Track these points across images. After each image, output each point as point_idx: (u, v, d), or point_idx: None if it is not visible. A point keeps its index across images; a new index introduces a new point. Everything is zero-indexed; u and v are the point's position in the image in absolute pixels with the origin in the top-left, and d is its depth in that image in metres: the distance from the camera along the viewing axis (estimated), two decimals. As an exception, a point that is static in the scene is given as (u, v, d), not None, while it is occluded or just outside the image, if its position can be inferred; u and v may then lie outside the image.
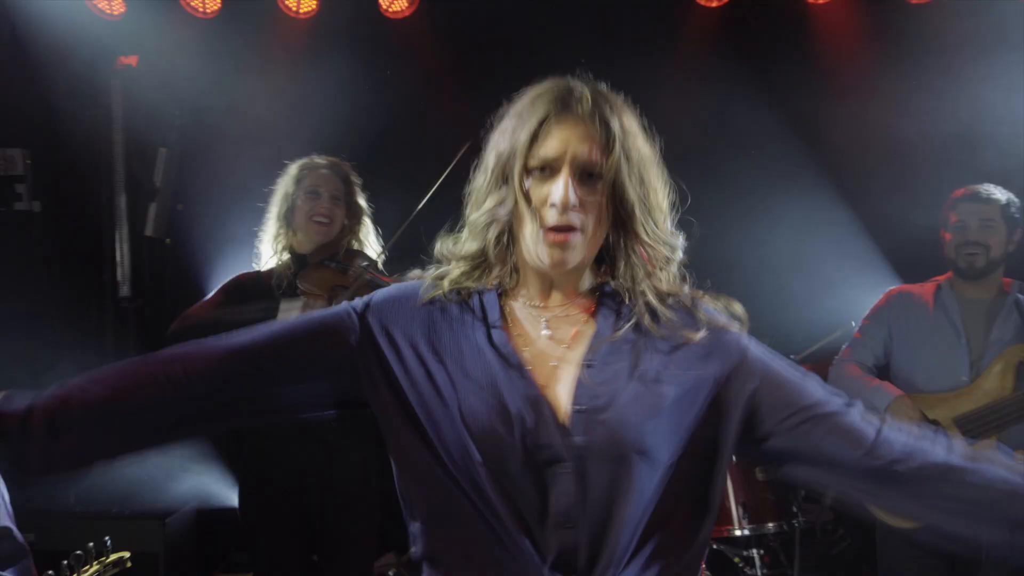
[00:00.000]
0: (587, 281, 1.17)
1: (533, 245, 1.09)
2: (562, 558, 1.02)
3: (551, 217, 1.07)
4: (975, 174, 2.78)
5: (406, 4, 3.82)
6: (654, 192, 1.14)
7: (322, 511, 2.37)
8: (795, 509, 2.87)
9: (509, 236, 1.13)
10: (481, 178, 1.17)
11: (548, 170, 1.10)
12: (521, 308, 1.15)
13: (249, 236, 2.59)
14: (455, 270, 1.17)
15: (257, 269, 2.50)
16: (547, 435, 1.02)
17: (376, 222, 2.62)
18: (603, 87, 1.16)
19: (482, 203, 1.14)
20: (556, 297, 1.15)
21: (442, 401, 1.06)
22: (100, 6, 3.64)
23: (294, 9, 3.84)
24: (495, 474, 1.02)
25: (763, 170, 3.73)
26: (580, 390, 1.06)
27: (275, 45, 3.90)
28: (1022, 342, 2.34)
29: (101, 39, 3.65)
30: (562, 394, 1.07)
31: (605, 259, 1.16)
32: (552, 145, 1.09)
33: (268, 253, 2.48)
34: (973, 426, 2.31)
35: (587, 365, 1.08)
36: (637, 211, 1.11)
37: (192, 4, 3.76)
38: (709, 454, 1.10)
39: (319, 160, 2.52)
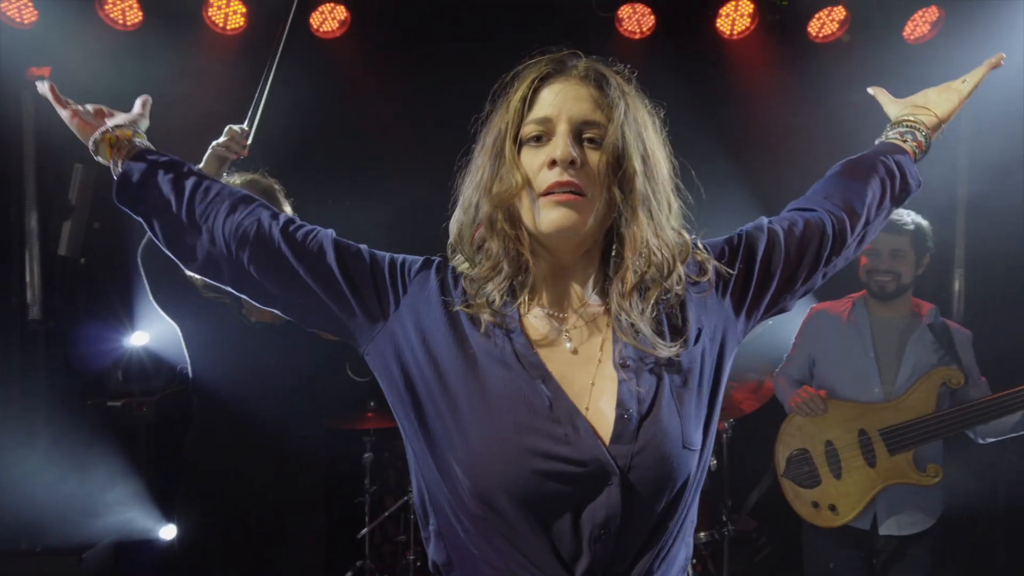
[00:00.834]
0: (598, 277, 1.08)
1: (535, 217, 1.01)
2: (594, 569, 0.98)
3: (551, 177, 0.99)
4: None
5: (337, 25, 3.81)
6: (658, 164, 1.06)
7: (268, 538, 2.30)
8: (724, 518, 2.99)
9: (513, 227, 1.04)
10: (476, 163, 1.08)
11: (544, 137, 1.02)
12: (540, 319, 1.07)
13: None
14: (468, 267, 1.09)
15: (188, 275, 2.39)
16: (590, 450, 0.96)
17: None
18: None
19: (481, 186, 1.06)
20: (572, 302, 1.08)
21: (458, 417, 1.00)
22: (10, 14, 3.46)
23: (221, 25, 3.76)
24: (518, 495, 0.96)
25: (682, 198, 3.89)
26: (623, 395, 1.00)
27: (200, 61, 3.80)
28: (937, 362, 2.53)
29: (11, 48, 3.47)
30: (604, 405, 1.01)
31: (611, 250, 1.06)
32: (545, 103, 1.02)
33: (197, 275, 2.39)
34: (897, 438, 2.48)
35: (621, 366, 1.02)
36: (638, 183, 1.02)
37: (111, 16, 3.62)
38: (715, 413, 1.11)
39: (234, 180, 2.41)
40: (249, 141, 2.27)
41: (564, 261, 1.07)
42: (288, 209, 2.46)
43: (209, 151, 2.20)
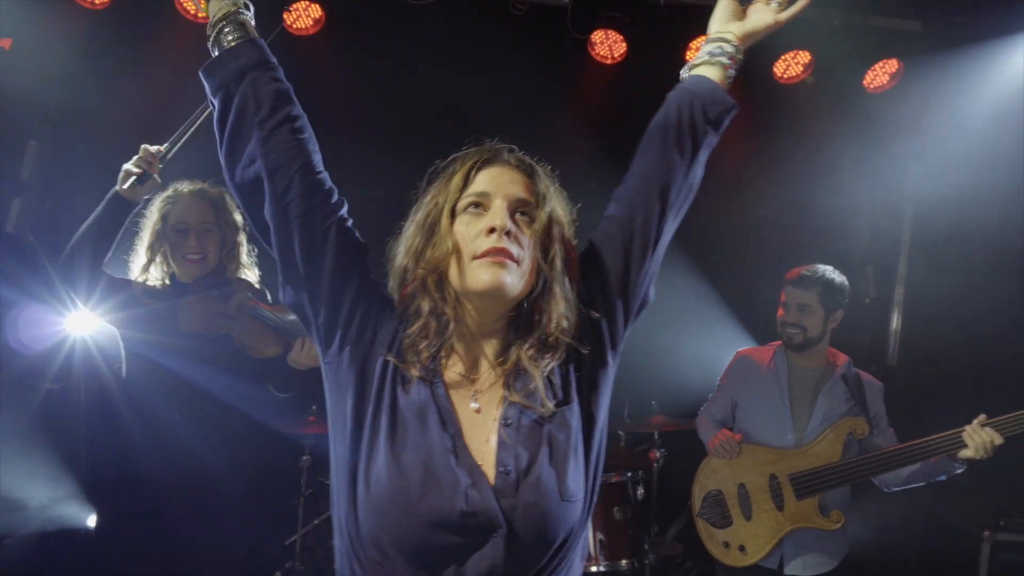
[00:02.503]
0: (506, 342, 1.17)
1: (466, 278, 1.10)
2: None
3: (487, 243, 1.10)
4: (818, 253, 3.13)
5: (311, 22, 3.80)
6: (572, 253, 1.19)
7: (184, 547, 2.34)
8: (646, 547, 3.09)
9: (440, 290, 1.14)
10: (411, 232, 1.18)
11: (480, 207, 1.13)
12: (456, 378, 1.17)
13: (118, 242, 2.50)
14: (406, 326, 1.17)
15: (131, 280, 2.42)
16: (482, 502, 1.04)
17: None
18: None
19: (413, 252, 1.16)
20: (485, 363, 1.17)
21: (371, 462, 1.08)
22: (-26, -17, 3.39)
23: (192, 12, 3.72)
24: (407, 545, 1.04)
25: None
26: (502, 452, 1.09)
27: (168, 47, 3.75)
28: (847, 412, 2.63)
29: (-31, 17, 3.41)
30: (491, 460, 1.10)
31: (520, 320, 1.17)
32: (484, 182, 1.14)
33: (142, 276, 2.42)
34: (804, 484, 2.59)
35: (505, 425, 1.11)
36: (559, 262, 1.14)
37: (80, -7, 3.57)
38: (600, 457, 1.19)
39: (182, 188, 2.45)
40: (162, 165, 2.25)
41: (483, 324, 1.17)
42: (238, 218, 2.50)
43: (124, 167, 2.22)
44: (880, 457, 2.50)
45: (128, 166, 2.20)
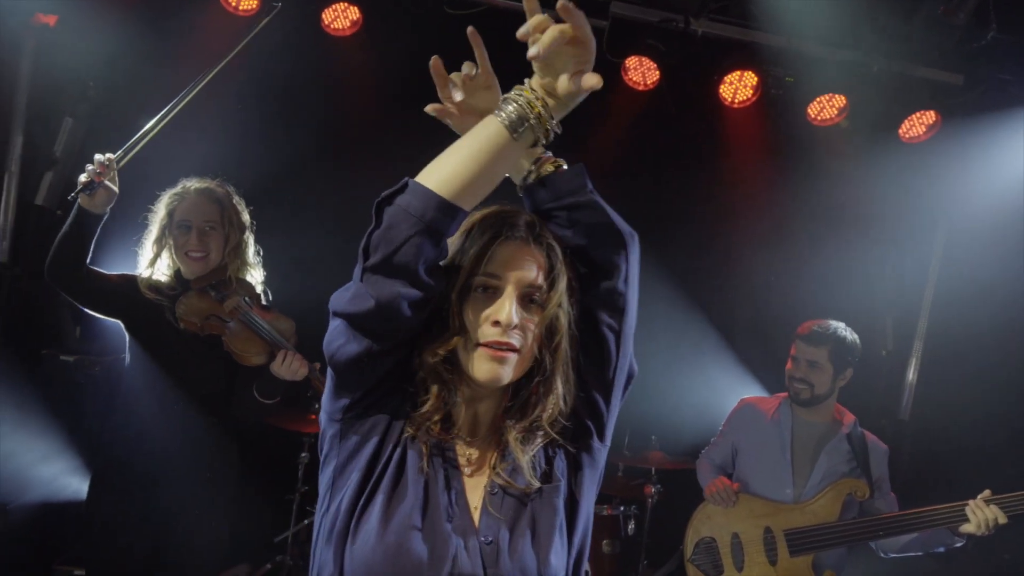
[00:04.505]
0: (504, 410, 1.19)
1: (470, 363, 1.11)
2: None
3: (492, 333, 1.10)
4: (840, 301, 3.08)
5: (348, 24, 3.83)
6: (575, 336, 1.16)
7: (168, 524, 2.37)
8: (632, 583, 3.06)
9: (451, 372, 1.14)
10: None
11: (491, 289, 1.12)
12: (459, 447, 1.17)
13: (142, 226, 2.54)
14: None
15: (135, 275, 2.45)
16: (471, 568, 1.06)
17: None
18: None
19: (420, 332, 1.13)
20: (481, 429, 1.19)
21: (367, 513, 1.08)
22: (25, -41, 3.45)
23: (233, 4, 3.76)
24: None
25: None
26: (485, 520, 1.10)
27: (208, 36, 3.79)
28: (848, 473, 2.59)
29: (21, -9, 3.46)
30: (476, 528, 1.11)
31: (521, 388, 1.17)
32: (499, 263, 1.11)
33: (148, 270, 2.46)
34: (799, 541, 2.56)
35: (490, 493, 1.13)
36: (563, 348, 1.13)
37: (126, -24, 3.62)
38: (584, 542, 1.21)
39: (190, 186, 2.48)
40: (113, 172, 2.24)
41: (482, 399, 1.19)
42: (246, 218, 2.53)
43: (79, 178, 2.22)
44: (879, 522, 2.47)
45: (81, 175, 2.20)
